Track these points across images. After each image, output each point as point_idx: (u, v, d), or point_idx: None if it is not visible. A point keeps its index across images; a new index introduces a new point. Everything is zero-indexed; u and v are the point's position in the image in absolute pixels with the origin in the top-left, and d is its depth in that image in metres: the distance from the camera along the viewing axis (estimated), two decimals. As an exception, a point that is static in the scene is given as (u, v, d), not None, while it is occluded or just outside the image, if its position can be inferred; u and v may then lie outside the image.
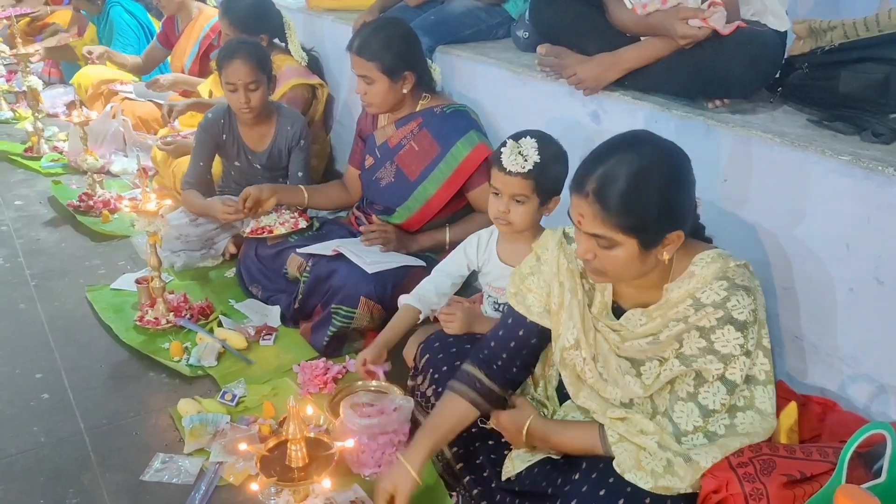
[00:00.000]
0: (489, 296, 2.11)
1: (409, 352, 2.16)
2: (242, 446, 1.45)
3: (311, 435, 1.43)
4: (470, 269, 2.16)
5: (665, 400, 1.48)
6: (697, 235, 1.53)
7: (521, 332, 1.66)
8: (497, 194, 1.93)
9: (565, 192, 1.79)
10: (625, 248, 1.37)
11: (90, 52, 4.33)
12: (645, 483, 1.39)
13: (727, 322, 1.37)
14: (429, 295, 2.13)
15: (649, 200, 1.34)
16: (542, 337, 1.65)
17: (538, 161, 1.85)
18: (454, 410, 1.68)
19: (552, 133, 2.07)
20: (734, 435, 1.41)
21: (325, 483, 1.33)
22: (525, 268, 1.66)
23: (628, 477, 1.41)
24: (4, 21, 5.57)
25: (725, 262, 1.42)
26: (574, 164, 1.50)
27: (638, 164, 1.35)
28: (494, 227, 2.07)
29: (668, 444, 1.41)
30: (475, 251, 2.13)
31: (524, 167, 1.85)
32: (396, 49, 2.38)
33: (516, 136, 1.89)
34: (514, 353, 1.67)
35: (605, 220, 1.35)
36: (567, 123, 2.30)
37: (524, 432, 1.62)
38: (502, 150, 1.88)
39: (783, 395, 1.72)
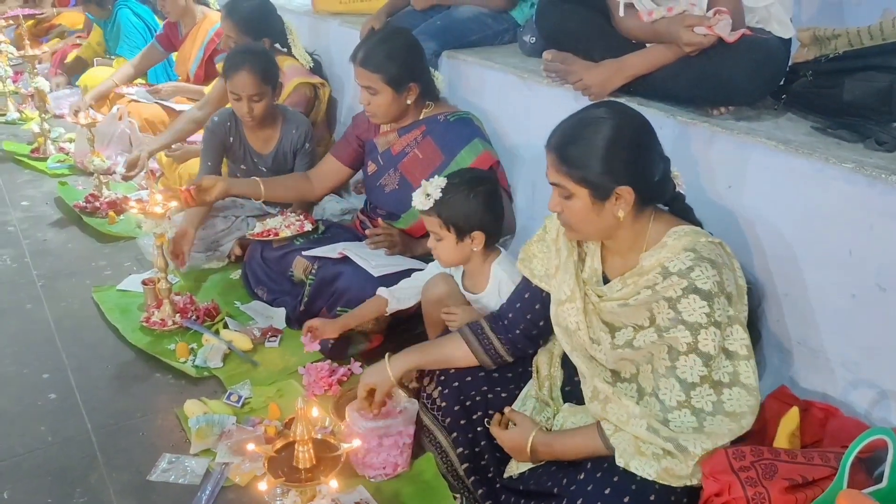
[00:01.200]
0: None
1: (408, 373, 2.22)
2: (250, 447, 1.47)
3: (318, 436, 1.44)
4: None
5: (649, 381, 1.52)
6: (685, 216, 1.61)
7: (526, 295, 1.80)
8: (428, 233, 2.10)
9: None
10: (579, 199, 1.50)
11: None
12: (650, 468, 1.43)
13: (692, 291, 1.44)
14: (404, 293, 2.25)
15: (597, 153, 1.47)
16: (545, 304, 1.75)
17: (439, 199, 1.99)
18: (452, 346, 1.87)
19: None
20: (722, 413, 1.44)
21: (333, 484, 1.35)
22: (535, 236, 1.78)
23: (633, 465, 1.44)
24: (11, 22, 5.59)
25: (697, 236, 1.50)
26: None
27: (590, 120, 1.51)
28: None
29: (656, 429, 1.44)
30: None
31: (424, 205, 2.01)
32: (401, 60, 2.38)
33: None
34: (520, 314, 1.81)
35: (558, 168, 1.51)
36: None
37: (528, 449, 1.65)
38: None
39: (785, 400, 1.74)
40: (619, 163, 1.48)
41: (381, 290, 2.26)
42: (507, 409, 1.75)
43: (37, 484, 1.92)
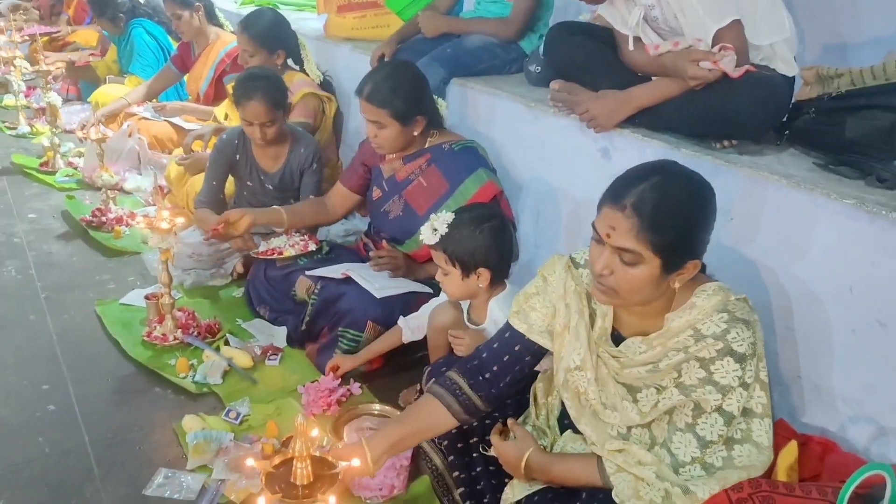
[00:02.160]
0: None
1: (407, 396, 2.30)
2: (249, 461, 1.46)
3: (317, 454, 1.44)
4: None
5: (663, 431, 1.49)
6: (702, 269, 1.56)
7: (517, 348, 1.68)
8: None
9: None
10: (647, 267, 1.39)
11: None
12: None
13: (727, 354, 1.40)
14: (417, 323, 2.29)
15: (683, 223, 1.39)
16: (536, 357, 1.68)
17: (445, 234, 2.00)
18: (429, 413, 1.70)
19: (562, 167, 2.10)
20: (731, 468, 1.42)
21: (331, 501, 1.35)
22: (531, 287, 1.68)
23: None
24: (27, 38, 5.67)
25: (726, 295, 1.45)
26: (584, 199, 1.54)
27: (677, 188, 1.40)
28: None
29: (665, 475, 1.42)
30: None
31: (431, 240, 2.02)
32: (407, 95, 2.40)
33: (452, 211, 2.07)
34: (506, 367, 1.69)
35: (640, 234, 1.37)
36: (577, 158, 2.34)
37: (523, 465, 1.63)
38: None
39: (784, 433, 1.74)
40: (701, 238, 1.43)
41: (402, 321, 2.31)
42: (510, 422, 1.71)
43: (33, 494, 1.92)
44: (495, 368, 1.69)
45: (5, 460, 2.03)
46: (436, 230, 2.02)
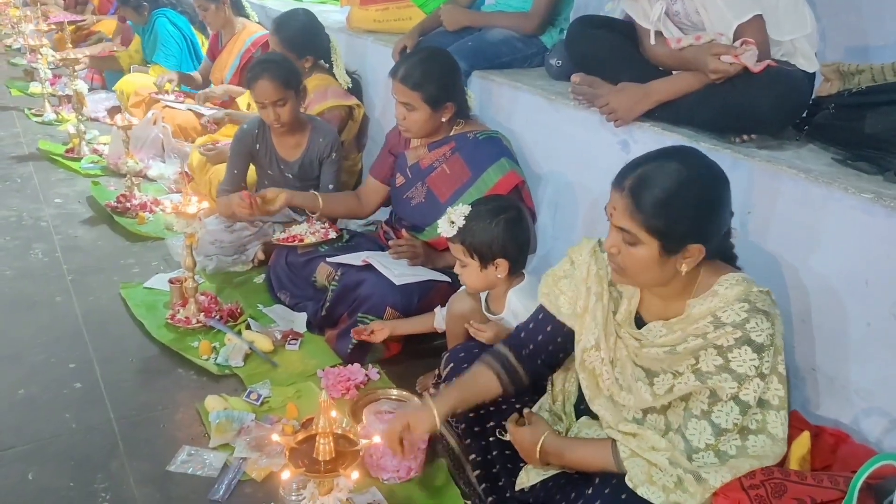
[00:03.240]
0: None
1: (424, 382, 2.34)
2: (275, 436, 1.51)
3: (339, 431, 1.48)
4: None
5: (679, 417, 1.52)
6: (729, 261, 1.59)
7: (548, 328, 1.74)
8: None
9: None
10: (646, 248, 1.44)
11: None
12: (657, 498, 1.43)
13: (745, 343, 1.42)
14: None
15: (680, 209, 1.42)
16: (567, 338, 1.71)
17: (462, 227, 2.02)
18: (480, 378, 1.78)
19: (581, 159, 2.12)
20: (745, 456, 1.44)
21: (354, 475, 1.39)
22: (559, 270, 1.73)
23: (640, 491, 1.45)
24: (53, 27, 5.76)
25: (749, 286, 1.47)
26: (603, 192, 1.57)
27: (677, 174, 1.43)
28: None
29: (678, 461, 1.45)
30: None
31: (449, 232, 2.04)
32: (440, 80, 2.44)
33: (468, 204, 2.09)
34: (541, 345, 1.76)
35: (633, 215, 1.43)
36: (597, 151, 2.37)
37: (538, 449, 1.66)
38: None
39: (797, 424, 1.75)
40: (703, 225, 1.45)
41: (437, 309, 2.35)
42: (526, 411, 1.76)
43: (60, 468, 1.97)
44: (532, 347, 1.77)
45: (33, 435, 2.09)
46: (453, 223, 2.05)
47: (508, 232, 2.05)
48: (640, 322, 1.61)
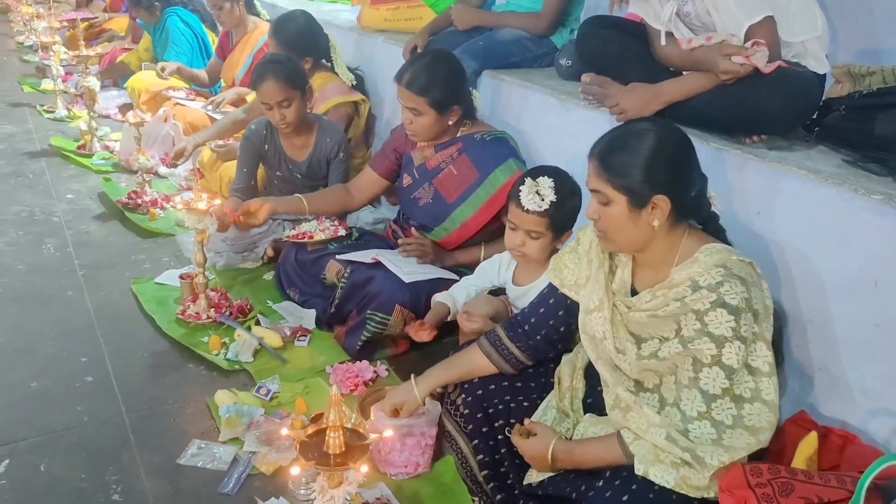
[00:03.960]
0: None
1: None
2: (284, 431, 1.52)
3: (349, 425, 1.49)
4: (493, 284, 2.34)
5: (671, 391, 1.56)
6: (717, 236, 1.66)
7: (551, 301, 1.85)
8: (514, 229, 2.11)
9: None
10: (617, 206, 1.57)
11: (163, 69, 4.56)
12: (669, 476, 1.46)
13: (719, 305, 1.48)
14: (459, 298, 2.32)
15: (635, 161, 1.54)
16: (569, 311, 1.80)
17: (554, 200, 2.03)
18: (467, 356, 1.94)
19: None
20: (741, 427, 1.47)
21: (363, 469, 1.40)
22: (567, 247, 1.84)
23: (652, 472, 1.47)
24: (66, 24, 5.80)
25: (728, 254, 1.56)
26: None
27: (635, 131, 1.59)
28: None
29: (675, 439, 1.48)
30: (496, 272, 2.34)
31: (541, 206, 2.04)
32: (445, 84, 2.45)
33: (534, 175, 2.07)
34: (542, 319, 1.86)
35: (599, 175, 1.58)
36: (606, 150, 2.37)
37: (549, 457, 1.69)
38: (521, 188, 2.06)
39: (805, 425, 1.76)
40: (658, 172, 1.54)
41: (438, 296, 2.36)
42: (527, 421, 1.79)
43: (72, 460, 1.99)
44: (533, 320, 1.88)
45: (46, 427, 2.11)
46: (543, 198, 2.04)
47: (579, 200, 2.13)
48: (634, 294, 1.69)
